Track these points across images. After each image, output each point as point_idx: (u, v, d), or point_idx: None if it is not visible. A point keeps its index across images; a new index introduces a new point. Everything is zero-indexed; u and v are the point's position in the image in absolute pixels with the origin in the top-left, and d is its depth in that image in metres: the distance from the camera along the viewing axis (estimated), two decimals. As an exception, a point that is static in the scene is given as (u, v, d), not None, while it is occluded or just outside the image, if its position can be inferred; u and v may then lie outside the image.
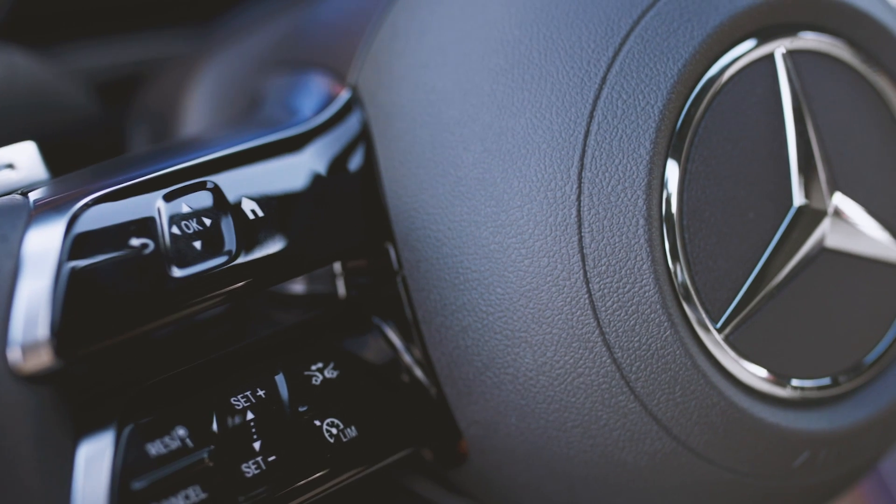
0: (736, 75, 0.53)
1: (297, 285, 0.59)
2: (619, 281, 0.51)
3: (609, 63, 0.51)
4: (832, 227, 0.55)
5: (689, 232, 0.52)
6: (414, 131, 0.54)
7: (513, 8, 0.53)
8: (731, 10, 0.53)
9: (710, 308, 0.52)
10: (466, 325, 0.52)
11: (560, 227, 0.51)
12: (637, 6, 0.52)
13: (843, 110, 0.56)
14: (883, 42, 0.57)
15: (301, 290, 0.59)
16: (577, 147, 0.51)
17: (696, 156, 0.52)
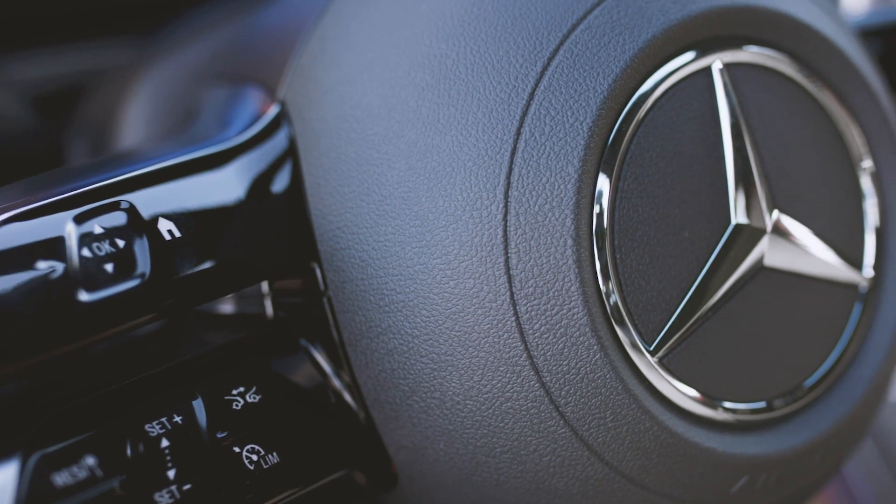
0: (671, 90, 0.52)
1: (226, 305, 0.57)
2: (546, 303, 0.49)
3: (537, 78, 0.50)
4: (771, 245, 0.53)
5: (621, 252, 0.50)
6: (339, 148, 0.52)
7: (440, 21, 0.52)
8: (664, 23, 0.51)
9: (643, 330, 0.51)
10: (392, 349, 0.51)
11: (486, 248, 0.49)
12: (567, 19, 0.51)
13: (783, 125, 0.54)
14: (826, 55, 0.55)
15: (230, 310, 0.57)
16: (503, 165, 0.49)
17: (629, 173, 0.50)
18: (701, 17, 0.52)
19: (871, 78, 0.57)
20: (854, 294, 0.56)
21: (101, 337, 0.47)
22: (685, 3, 0.52)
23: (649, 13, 0.51)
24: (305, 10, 0.58)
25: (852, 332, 0.56)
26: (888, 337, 0.57)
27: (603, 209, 0.50)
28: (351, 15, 0.55)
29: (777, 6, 0.54)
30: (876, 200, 0.57)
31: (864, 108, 0.56)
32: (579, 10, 0.51)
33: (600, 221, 0.50)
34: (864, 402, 0.56)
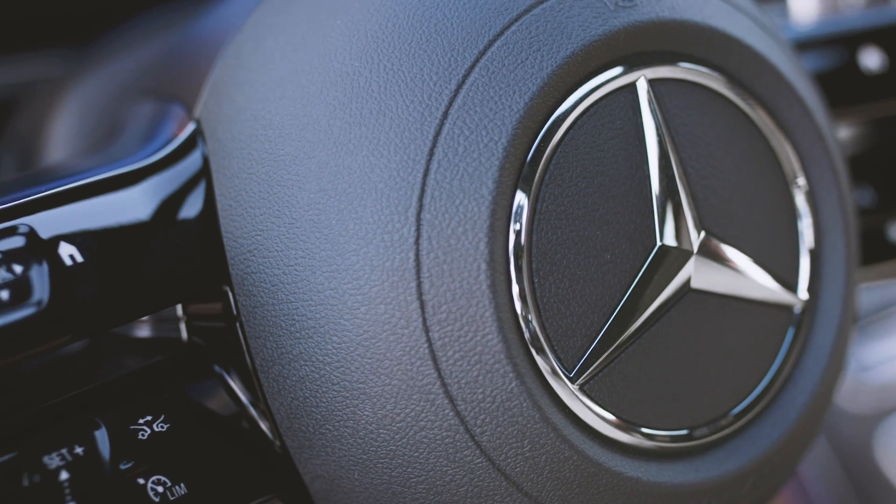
0: (593, 107, 0.50)
1: (143, 328, 0.55)
2: (460, 329, 0.47)
3: (451, 97, 0.48)
4: (698, 267, 0.52)
5: (540, 276, 0.48)
6: (250, 169, 0.50)
7: (354, 38, 0.50)
8: (585, 39, 0.49)
9: (563, 356, 0.49)
10: (304, 376, 0.49)
11: (397, 273, 0.47)
12: (484, 36, 0.49)
13: (712, 143, 0.53)
14: (757, 70, 0.54)
15: (146, 334, 0.55)
16: (415, 186, 0.48)
17: (548, 194, 0.49)
18: (623, 33, 0.50)
19: (804, 93, 0.55)
20: (788, 317, 0.55)
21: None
22: (607, 18, 0.50)
23: (570, 29, 0.49)
24: (229, 24, 0.56)
25: (785, 357, 0.54)
26: (823, 361, 0.55)
27: (520, 232, 0.48)
28: (266, 30, 0.53)
29: (706, 21, 0.52)
30: (811, 220, 0.55)
31: (798, 125, 0.55)
32: (496, 26, 0.49)
33: (517, 244, 0.48)
34: (798, 428, 0.54)
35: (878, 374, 1.05)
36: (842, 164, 0.56)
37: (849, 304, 0.56)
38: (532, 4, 0.50)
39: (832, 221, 0.56)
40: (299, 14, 0.52)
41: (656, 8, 0.51)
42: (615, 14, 0.50)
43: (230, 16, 0.57)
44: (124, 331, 0.56)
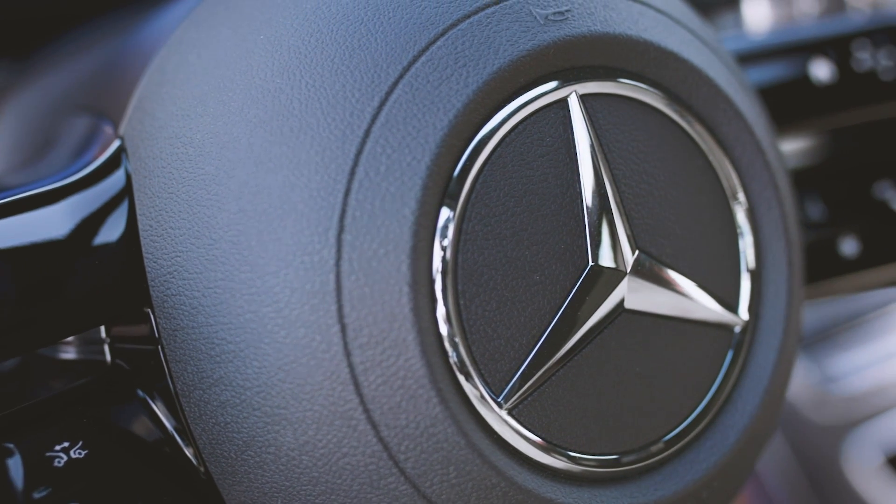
0: (522, 124, 0.49)
1: (66, 351, 0.54)
2: (382, 354, 0.46)
3: (374, 114, 0.47)
4: (632, 287, 0.50)
5: (466, 298, 0.47)
6: (171, 188, 0.49)
7: (277, 54, 0.49)
8: (512, 55, 0.48)
9: (491, 379, 0.48)
10: (225, 401, 0.48)
11: (317, 296, 0.46)
12: (408, 51, 0.48)
13: (647, 159, 0.51)
14: (694, 84, 0.52)
15: (70, 356, 0.54)
16: (335, 207, 0.46)
17: (474, 214, 0.47)
18: (553, 48, 0.49)
19: (744, 107, 0.54)
20: (728, 338, 0.53)
21: None
22: (536, 32, 0.49)
23: (497, 44, 0.48)
24: (162, 37, 0.55)
25: (723, 379, 0.53)
26: (764, 382, 0.54)
27: (445, 253, 0.47)
28: (191, 45, 0.52)
29: (640, 34, 0.51)
30: (751, 238, 0.54)
31: (737, 140, 0.53)
32: (421, 42, 0.48)
33: (442, 266, 0.47)
34: (738, 451, 0.53)
35: (844, 384, 1.04)
36: (784, 180, 0.55)
37: (791, 323, 0.55)
38: (459, 19, 0.48)
39: (774, 239, 0.54)
40: (223, 29, 0.51)
41: (588, 22, 0.50)
42: (544, 28, 0.49)
43: (164, 28, 0.56)
44: (48, 353, 0.54)
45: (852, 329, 1.07)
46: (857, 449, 1.02)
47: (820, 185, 0.67)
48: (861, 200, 0.66)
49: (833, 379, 1.05)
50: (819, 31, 0.67)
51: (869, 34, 0.67)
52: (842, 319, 1.07)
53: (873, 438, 1.02)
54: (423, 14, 0.49)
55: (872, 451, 1.01)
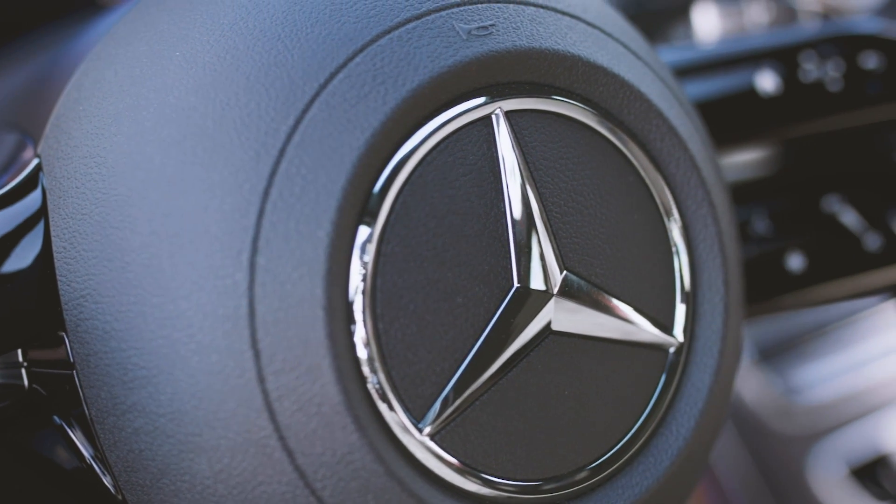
0: (444, 142, 0.47)
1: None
2: (297, 380, 0.45)
3: (288, 134, 0.46)
4: (559, 308, 0.49)
5: (384, 322, 0.46)
6: (84, 209, 0.48)
7: (192, 71, 0.47)
8: (432, 71, 0.47)
9: (412, 405, 0.47)
10: (138, 428, 0.47)
11: (230, 320, 0.45)
12: (325, 68, 0.46)
13: (576, 177, 0.50)
14: (626, 99, 0.51)
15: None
16: (248, 229, 0.45)
17: (393, 236, 0.46)
18: (476, 64, 0.48)
19: (678, 122, 0.52)
20: (661, 359, 0.52)
21: None
22: (458, 48, 0.48)
23: (417, 60, 0.47)
24: (82, 54, 0.54)
25: (656, 402, 0.52)
26: (699, 405, 0.52)
27: (364, 276, 0.46)
28: (108, 62, 0.50)
29: (568, 49, 0.50)
30: (686, 257, 0.53)
31: (671, 156, 0.52)
32: (339, 58, 0.47)
33: (360, 289, 0.45)
34: (671, 477, 0.52)
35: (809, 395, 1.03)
36: (721, 196, 0.54)
37: (728, 343, 0.53)
38: (378, 34, 0.47)
39: (709, 257, 0.53)
40: (140, 45, 0.50)
41: (513, 36, 0.49)
42: (467, 43, 0.48)
43: (88, 44, 0.55)
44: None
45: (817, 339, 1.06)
46: (822, 460, 1.01)
47: (767, 198, 0.65)
48: (809, 214, 0.65)
49: (797, 390, 1.04)
50: (766, 42, 0.66)
51: (817, 44, 0.65)
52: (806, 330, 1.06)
53: (838, 450, 1.01)
54: (341, 30, 0.47)
55: (837, 462, 1.00)
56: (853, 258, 0.64)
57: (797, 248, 0.64)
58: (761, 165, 0.69)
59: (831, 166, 0.68)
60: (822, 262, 0.64)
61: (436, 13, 0.48)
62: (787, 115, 0.64)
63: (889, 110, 0.65)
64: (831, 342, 1.06)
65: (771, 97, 0.64)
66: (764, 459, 1.02)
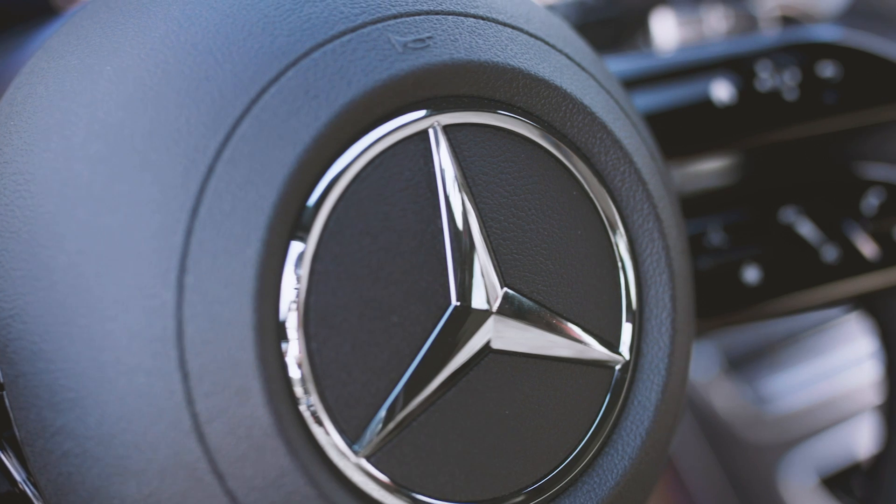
0: (379, 157, 0.46)
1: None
2: (227, 402, 0.44)
3: (218, 150, 0.45)
4: (499, 326, 0.48)
5: (317, 342, 0.45)
6: (13, 227, 0.47)
7: (121, 86, 0.46)
8: (366, 85, 0.46)
9: (347, 427, 0.46)
10: (67, 451, 0.46)
11: (158, 341, 0.44)
12: (256, 82, 0.45)
13: (518, 192, 0.49)
14: (568, 112, 0.50)
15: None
16: (176, 248, 0.44)
17: (326, 254, 0.45)
18: (412, 77, 0.47)
19: (623, 135, 0.51)
20: (607, 377, 0.51)
21: None
22: (393, 61, 0.47)
23: (351, 74, 0.46)
24: (18, 67, 0.53)
25: (601, 421, 0.51)
26: (645, 424, 0.51)
27: (295, 295, 0.45)
28: (40, 76, 0.49)
29: (508, 61, 0.49)
30: (633, 272, 0.52)
31: (615, 170, 0.51)
32: (271, 72, 0.46)
33: (292, 309, 0.44)
34: (618, 496, 0.51)
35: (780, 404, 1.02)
36: (669, 210, 0.53)
37: (676, 360, 0.52)
38: (311, 48, 0.46)
39: (656, 273, 0.52)
40: (72, 59, 0.49)
41: (450, 49, 0.48)
42: (403, 57, 0.47)
43: (25, 58, 0.54)
44: None
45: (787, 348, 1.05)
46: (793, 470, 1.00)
47: (723, 210, 0.64)
48: (765, 226, 0.64)
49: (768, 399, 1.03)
50: (723, 51, 0.65)
51: (774, 53, 0.65)
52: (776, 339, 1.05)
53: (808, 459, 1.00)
54: (274, 44, 0.46)
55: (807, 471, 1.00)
56: (810, 270, 0.64)
57: (753, 260, 0.63)
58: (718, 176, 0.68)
59: (788, 177, 0.67)
60: (779, 275, 0.63)
61: (371, 25, 0.47)
62: (743, 125, 0.63)
63: (845, 120, 0.64)
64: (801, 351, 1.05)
65: (726, 107, 0.63)
66: (734, 469, 1.01)
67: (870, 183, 0.65)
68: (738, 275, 0.63)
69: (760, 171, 0.68)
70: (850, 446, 0.98)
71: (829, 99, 0.64)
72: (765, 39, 0.66)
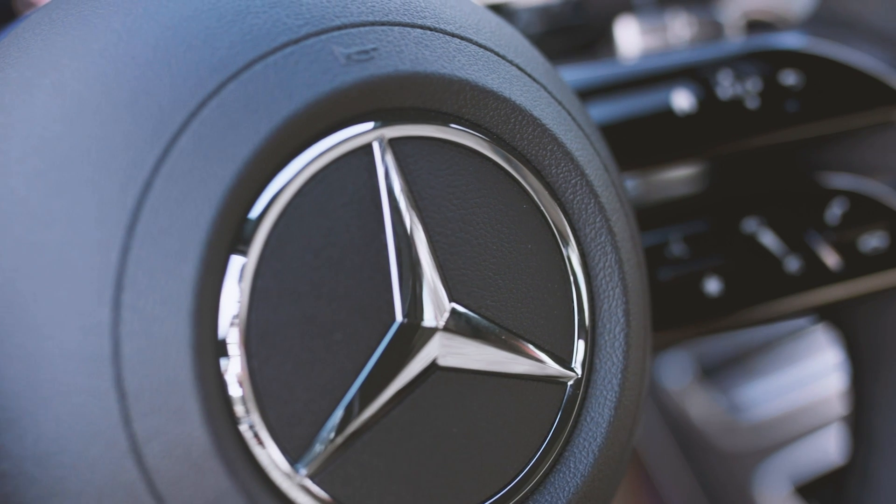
0: (322, 172, 0.46)
1: None
2: (165, 422, 0.43)
3: (155, 165, 0.44)
4: (446, 343, 0.47)
5: (258, 360, 0.44)
6: None
7: (59, 99, 0.46)
8: (308, 98, 0.45)
9: (289, 446, 0.45)
10: (4, 471, 0.45)
11: (94, 361, 0.43)
12: (195, 96, 0.45)
13: (466, 206, 0.48)
14: (518, 124, 0.49)
15: None
16: (112, 265, 0.43)
17: (267, 270, 0.44)
18: (355, 90, 0.46)
19: (574, 146, 0.50)
20: (559, 394, 0.50)
21: None
22: (336, 73, 0.46)
23: (292, 86, 0.45)
24: None
25: (552, 438, 0.50)
26: (598, 441, 0.51)
27: (236, 313, 0.44)
28: None
29: (455, 73, 0.48)
30: (585, 287, 0.51)
31: (567, 183, 0.50)
32: (210, 86, 0.45)
33: (231, 327, 0.44)
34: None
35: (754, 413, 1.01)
36: (623, 222, 0.52)
37: (629, 375, 0.52)
38: (252, 60, 0.45)
39: (609, 287, 0.51)
40: (11, 71, 0.48)
41: (395, 61, 0.47)
42: (346, 69, 0.46)
43: None
44: None
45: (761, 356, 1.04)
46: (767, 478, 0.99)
47: (685, 220, 0.63)
48: (728, 236, 0.63)
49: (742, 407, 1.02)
50: (685, 59, 0.64)
51: (737, 61, 0.64)
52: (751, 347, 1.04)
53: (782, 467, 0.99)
54: (214, 56, 0.45)
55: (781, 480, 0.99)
56: (773, 281, 0.63)
57: (715, 271, 0.62)
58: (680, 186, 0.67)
59: (752, 186, 0.66)
60: (741, 286, 0.62)
61: (314, 37, 0.46)
62: (704, 134, 0.62)
63: (808, 129, 0.63)
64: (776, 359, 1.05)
65: (687, 116, 0.62)
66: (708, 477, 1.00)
67: (834, 192, 0.64)
68: (699, 286, 0.62)
69: (724, 181, 0.67)
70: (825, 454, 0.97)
71: (791, 107, 0.63)
72: (727, 47, 0.66)
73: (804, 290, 0.63)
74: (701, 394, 1.01)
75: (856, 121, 0.65)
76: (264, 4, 0.47)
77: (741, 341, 1.04)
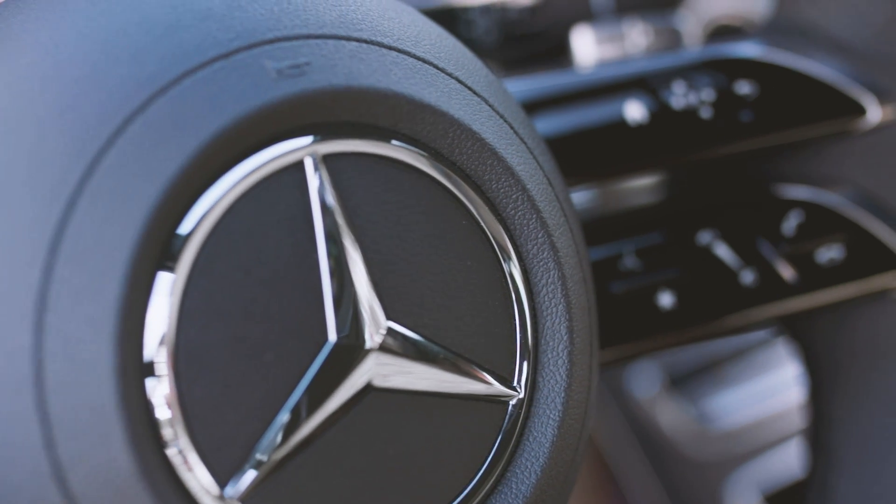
0: (252, 190, 0.45)
1: None
2: (90, 447, 0.42)
3: (79, 183, 0.43)
4: (381, 363, 0.46)
5: (187, 382, 0.43)
6: None
7: None
8: (237, 113, 0.44)
9: (220, 469, 0.44)
10: (-74, 497, 0.44)
11: (15, 384, 0.42)
12: (121, 112, 0.44)
13: (401, 222, 0.47)
14: (456, 138, 0.49)
15: None
16: (34, 286, 0.42)
17: (194, 290, 0.43)
18: (287, 105, 0.45)
19: (515, 161, 0.49)
20: (500, 414, 0.49)
21: None
22: (266, 88, 0.45)
23: (221, 102, 0.44)
24: None
25: (493, 458, 0.49)
26: (541, 461, 0.50)
27: (162, 334, 0.43)
28: None
29: (390, 87, 0.47)
30: (527, 304, 0.50)
31: (507, 198, 0.49)
32: (136, 102, 0.44)
33: (158, 350, 0.43)
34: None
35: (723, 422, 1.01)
36: (567, 238, 0.51)
37: (573, 394, 0.51)
38: (181, 75, 0.44)
39: (552, 304, 0.50)
40: None
41: (328, 75, 0.46)
42: (277, 83, 0.45)
43: None
44: None
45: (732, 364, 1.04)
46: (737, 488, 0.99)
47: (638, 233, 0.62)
48: (682, 248, 0.62)
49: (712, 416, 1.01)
50: (639, 68, 0.63)
51: (691, 70, 0.63)
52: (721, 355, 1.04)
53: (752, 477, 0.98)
54: (142, 71, 0.45)
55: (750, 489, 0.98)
56: (728, 294, 0.62)
57: (669, 284, 0.61)
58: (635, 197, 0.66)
59: (707, 198, 0.65)
60: (695, 299, 0.61)
61: (245, 51, 0.45)
62: (657, 145, 0.61)
63: (763, 139, 0.62)
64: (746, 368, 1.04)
65: (640, 126, 0.61)
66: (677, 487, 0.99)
67: (790, 204, 0.63)
68: (652, 299, 0.61)
69: (679, 192, 0.66)
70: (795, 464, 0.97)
71: (746, 117, 0.62)
72: (682, 56, 0.65)
73: (759, 303, 0.62)
74: (670, 403, 1.00)
75: (812, 131, 0.64)
76: (195, 18, 0.46)
77: (710, 350, 1.03)
